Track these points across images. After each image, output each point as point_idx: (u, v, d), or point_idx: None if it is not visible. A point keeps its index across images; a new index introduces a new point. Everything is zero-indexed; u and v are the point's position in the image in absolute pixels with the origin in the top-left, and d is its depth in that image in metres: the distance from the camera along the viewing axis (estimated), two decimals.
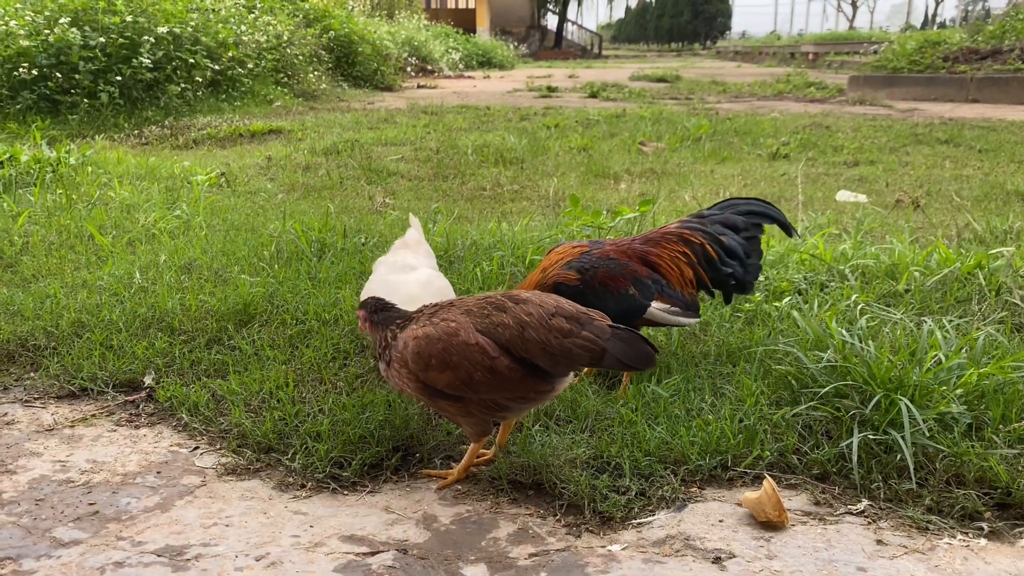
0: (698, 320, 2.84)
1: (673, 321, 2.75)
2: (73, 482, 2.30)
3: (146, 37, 10.80)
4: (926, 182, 6.74)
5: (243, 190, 6.35)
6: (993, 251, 3.64)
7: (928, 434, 2.26)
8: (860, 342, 2.66)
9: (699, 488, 2.25)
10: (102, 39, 10.36)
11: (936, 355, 2.59)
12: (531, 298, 2.16)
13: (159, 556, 1.95)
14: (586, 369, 2.80)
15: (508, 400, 2.14)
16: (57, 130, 9.45)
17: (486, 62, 29.92)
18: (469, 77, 23.90)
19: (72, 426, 2.64)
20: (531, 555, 1.97)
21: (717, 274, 2.81)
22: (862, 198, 6.18)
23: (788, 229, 2.95)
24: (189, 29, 11.77)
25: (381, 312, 2.27)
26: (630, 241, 2.87)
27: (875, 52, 20.60)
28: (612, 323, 2.15)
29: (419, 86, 19.18)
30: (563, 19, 51.60)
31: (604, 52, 56.31)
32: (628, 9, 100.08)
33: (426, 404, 2.23)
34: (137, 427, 2.64)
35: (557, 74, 25.13)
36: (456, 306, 2.19)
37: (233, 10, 13.77)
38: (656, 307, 2.71)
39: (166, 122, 10.39)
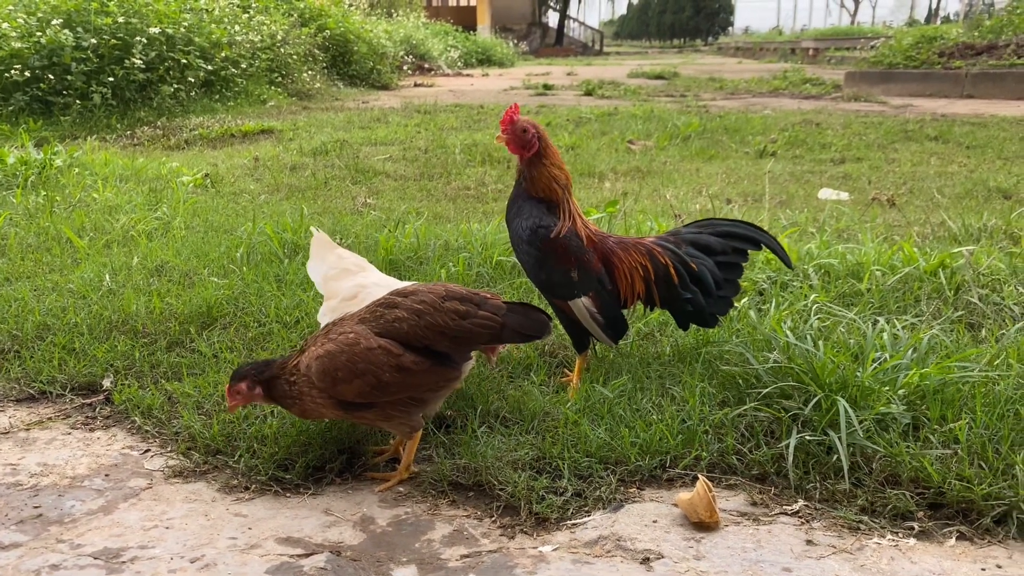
0: (613, 345, 2.80)
1: (589, 327, 2.71)
2: (21, 485, 2.33)
3: (139, 38, 10.84)
4: (910, 179, 6.74)
5: (228, 191, 6.38)
6: (955, 250, 3.65)
7: (866, 435, 2.28)
8: (812, 342, 2.68)
9: (638, 488, 2.27)
10: (94, 40, 10.41)
11: (882, 355, 2.61)
12: (419, 288, 2.26)
13: (95, 559, 1.98)
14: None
15: (422, 393, 2.22)
16: (49, 131, 9.51)
17: (485, 60, 29.92)
18: (467, 75, 23.91)
19: (27, 429, 2.67)
20: (463, 556, 1.99)
21: (673, 297, 2.72)
22: (844, 196, 6.18)
23: (783, 258, 2.81)
24: (182, 29, 11.80)
25: (266, 370, 2.23)
26: (605, 236, 2.82)
27: (873, 48, 20.54)
28: (506, 300, 2.27)
29: (416, 84, 19.21)
30: (564, 16, 51.49)
31: (606, 49, 56.24)
32: (630, 5, 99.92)
33: (346, 419, 2.28)
34: (92, 430, 2.67)
35: (556, 72, 25.12)
36: (347, 319, 2.27)
37: (227, 10, 13.80)
38: (584, 303, 2.67)
39: (158, 123, 10.43)
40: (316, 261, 2.86)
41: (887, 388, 2.43)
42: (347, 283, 2.73)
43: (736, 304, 3.25)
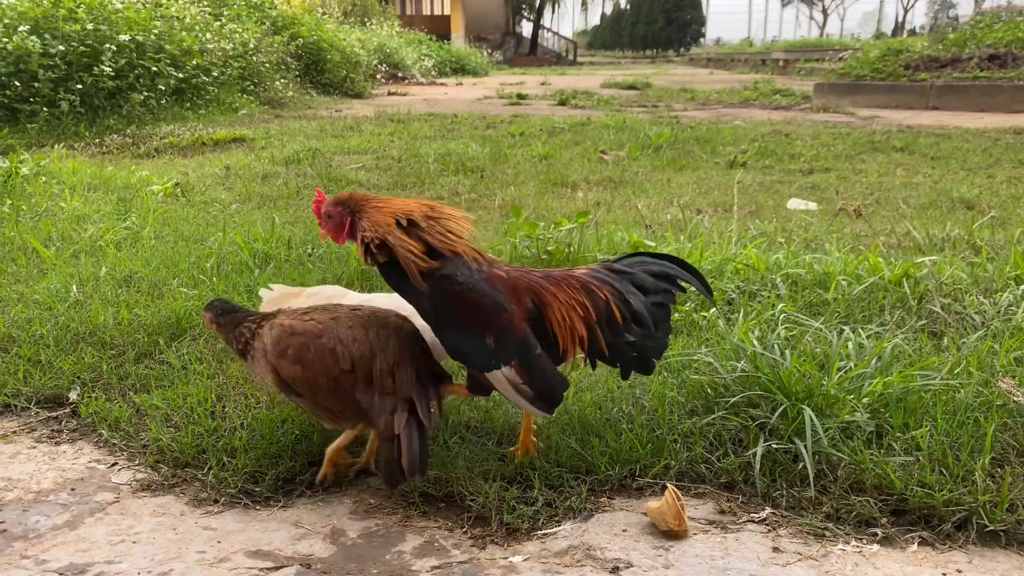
0: (546, 415, 2.25)
1: (514, 400, 2.18)
2: None
3: (108, 45, 10.72)
4: (876, 190, 6.86)
5: (198, 200, 6.32)
6: (919, 260, 3.72)
7: (831, 443, 2.32)
8: (779, 352, 2.72)
9: (608, 498, 2.29)
10: (62, 47, 10.28)
11: (847, 364, 2.66)
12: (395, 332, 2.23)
13: (61, 574, 1.96)
14: None
15: (344, 414, 2.24)
16: (15, 139, 9.35)
17: (460, 69, 30.00)
18: (441, 84, 23.94)
19: None
20: (433, 568, 2.00)
21: (617, 340, 2.23)
22: (812, 206, 6.28)
23: (707, 291, 2.47)
24: (152, 37, 11.70)
25: (228, 314, 2.36)
26: (528, 271, 2.27)
27: (841, 59, 20.91)
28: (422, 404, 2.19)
29: (390, 93, 19.19)
30: (538, 26, 51.82)
31: (579, 59, 56.65)
32: (603, 16, 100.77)
33: (281, 396, 2.34)
34: (58, 443, 2.63)
35: (530, 81, 25.25)
36: (328, 311, 2.28)
37: (198, 18, 13.72)
38: (506, 374, 2.11)
39: (128, 130, 10.31)
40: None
41: (852, 397, 2.48)
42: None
43: (706, 313, 3.30)
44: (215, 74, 12.91)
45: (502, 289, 2.12)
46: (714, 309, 3.31)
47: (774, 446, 2.33)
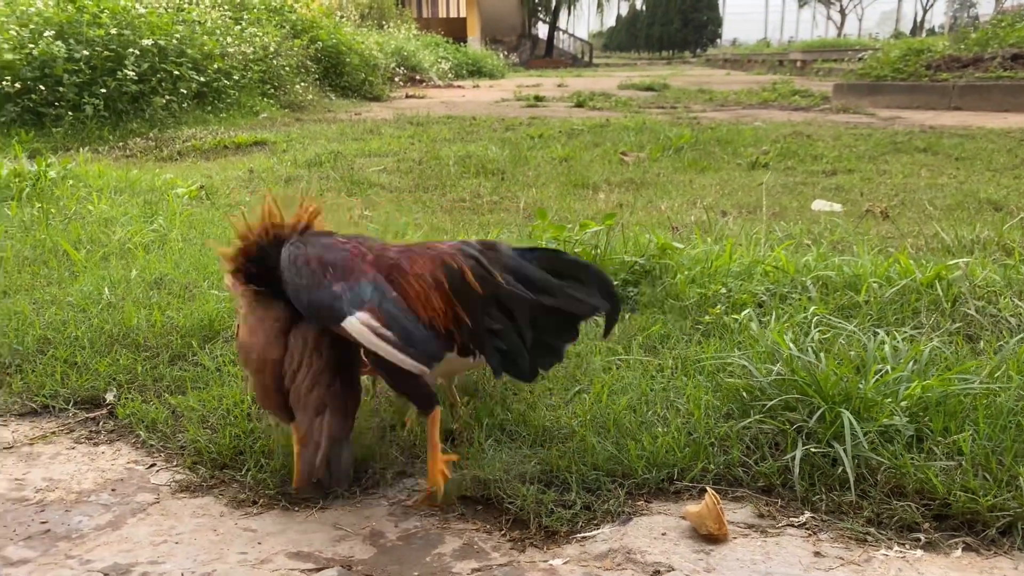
0: (424, 368, 2.04)
1: (383, 351, 2.02)
2: (28, 500, 2.32)
3: (131, 50, 10.84)
4: (901, 191, 6.81)
5: (223, 203, 6.37)
6: (951, 262, 3.69)
7: (870, 446, 2.30)
8: (814, 355, 2.71)
9: (646, 501, 2.28)
10: (87, 52, 10.40)
11: (884, 367, 2.63)
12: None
13: (106, 574, 1.98)
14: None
15: (265, 404, 2.32)
16: (41, 143, 9.47)
17: (476, 71, 30.06)
18: (459, 86, 24.00)
19: (31, 444, 2.66)
20: (474, 570, 2.00)
21: (475, 326, 2.06)
22: (837, 207, 6.24)
23: (611, 318, 2.24)
24: (174, 41, 11.81)
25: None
26: (386, 247, 2.19)
27: (860, 60, 20.77)
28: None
29: (408, 96, 19.25)
30: (554, 28, 51.83)
31: (595, 60, 56.60)
32: (619, 17, 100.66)
33: None
34: (96, 444, 2.66)
35: (546, 83, 25.25)
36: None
37: (219, 21, 13.84)
38: (360, 318, 2.00)
39: (151, 134, 10.42)
40: None
41: (889, 400, 2.46)
42: None
43: (738, 316, 3.27)
44: (236, 78, 13.01)
45: (348, 250, 2.14)
46: (747, 311, 3.29)
47: (812, 449, 2.31)
